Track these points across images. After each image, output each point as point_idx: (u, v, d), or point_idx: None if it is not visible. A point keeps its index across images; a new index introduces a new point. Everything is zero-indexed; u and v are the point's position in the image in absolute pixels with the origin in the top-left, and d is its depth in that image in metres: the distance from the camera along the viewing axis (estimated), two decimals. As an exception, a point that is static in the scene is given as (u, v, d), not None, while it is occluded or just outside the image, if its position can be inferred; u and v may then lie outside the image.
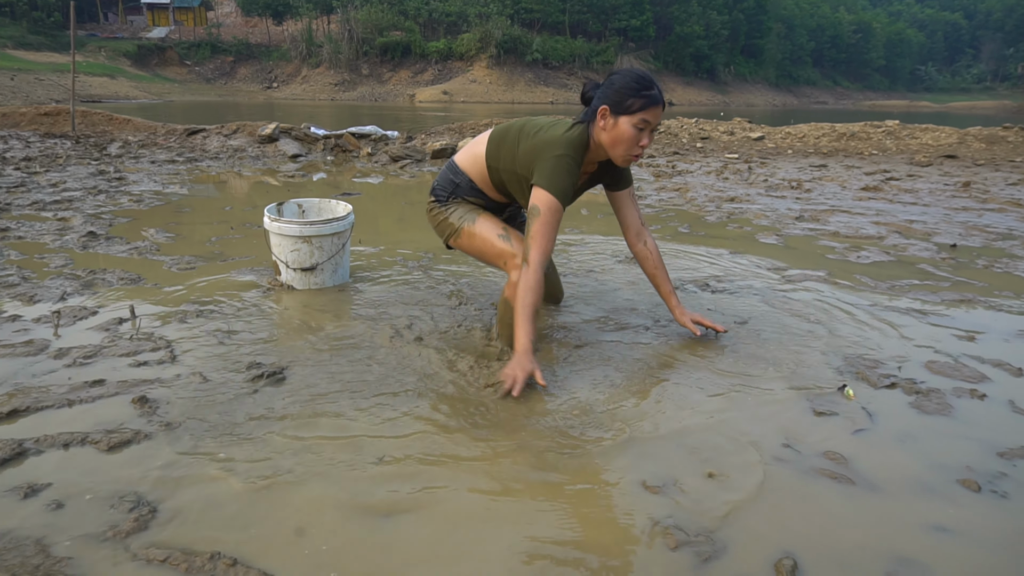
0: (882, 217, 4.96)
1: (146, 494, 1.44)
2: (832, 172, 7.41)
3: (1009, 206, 5.47)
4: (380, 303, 2.77)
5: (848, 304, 2.88)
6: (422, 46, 47.13)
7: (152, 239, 3.78)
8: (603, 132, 2.09)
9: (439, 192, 2.42)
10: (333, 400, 1.91)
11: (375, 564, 1.26)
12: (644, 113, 2.03)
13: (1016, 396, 2.04)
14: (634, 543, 1.34)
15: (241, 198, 5.43)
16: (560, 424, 1.80)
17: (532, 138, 2.15)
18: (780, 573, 1.26)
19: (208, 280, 3.03)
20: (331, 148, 8.39)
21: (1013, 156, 8.50)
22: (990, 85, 74.88)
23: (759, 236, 4.25)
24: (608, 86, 2.09)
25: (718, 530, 1.38)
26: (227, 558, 1.25)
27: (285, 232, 2.89)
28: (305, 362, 2.17)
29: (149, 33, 47.81)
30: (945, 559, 1.32)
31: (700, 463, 1.63)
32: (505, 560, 1.28)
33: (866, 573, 1.27)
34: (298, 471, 1.55)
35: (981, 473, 1.62)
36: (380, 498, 1.46)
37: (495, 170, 2.27)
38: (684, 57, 51.97)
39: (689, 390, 2.03)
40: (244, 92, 42.56)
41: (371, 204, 5.43)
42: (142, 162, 7.08)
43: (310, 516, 1.39)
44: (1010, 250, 3.99)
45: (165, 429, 1.71)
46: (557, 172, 2.06)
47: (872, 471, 1.61)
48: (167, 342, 2.28)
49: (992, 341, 2.50)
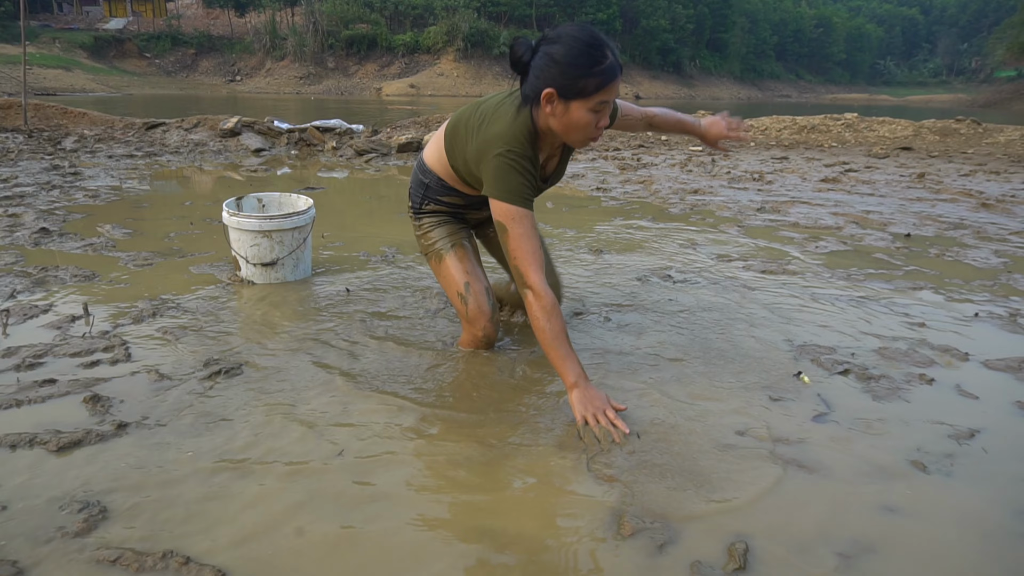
0: (840, 208, 5.07)
1: (97, 494, 1.41)
2: (793, 164, 7.54)
3: (961, 196, 5.63)
4: (342, 297, 2.75)
5: (805, 293, 2.94)
6: (388, 39, 46.67)
7: (108, 235, 3.69)
8: (551, 118, 1.75)
9: (413, 196, 2.20)
10: (291, 395, 1.89)
11: (333, 561, 1.26)
12: (601, 94, 1.69)
13: (962, 380, 2.11)
14: (590, 531, 1.35)
15: (202, 193, 5.33)
16: (518, 418, 1.81)
17: (476, 134, 1.86)
18: (733, 557, 1.28)
19: (166, 277, 2.97)
20: (295, 142, 8.28)
21: (965, 148, 8.74)
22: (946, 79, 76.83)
23: (721, 227, 4.31)
24: (550, 62, 1.67)
25: (674, 518, 1.40)
26: (180, 556, 1.23)
27: (244, 227, 2.85)
28: (263, 358, 2.14)
29: (106, 24, 46.49)
30: (893, 538, 1.36)
31: (657, 450, 1.65)
32: (459, 552, 1.29)
33: (817, 555, 1.30)
34: (255, 468, 1.54)
35: (929, 454, 1.67)
36: (339, 493, 1.45)
37: (455, 168, 2.01)
38: (650, 51, 52.33)
39: (644, 377, 2.05)
40: (206, 85, 41.69)
41: (336, 198, 5.37)
42: (98, 157, 6.91)
43: (265, 513, 1.38)
44: (961, 239, 4.11)
45: (118, 428, 1.67)
46: (502, 175, 1.77)
47: (825, 455, 1.65)
48: (121, 340, 2.23)
49: (941, 327, 2.58)
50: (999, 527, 1.40)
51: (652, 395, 1.94)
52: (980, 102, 41.76)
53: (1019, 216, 4.87)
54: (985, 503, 1.48)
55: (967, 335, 2.50)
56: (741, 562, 1.26)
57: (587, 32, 1.69)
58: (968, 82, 67.94)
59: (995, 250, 3.84)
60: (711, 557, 1.28)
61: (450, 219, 2.20)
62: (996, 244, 4.00)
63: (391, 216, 4.54)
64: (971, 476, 1.58)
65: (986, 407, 1.93)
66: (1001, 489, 1.54)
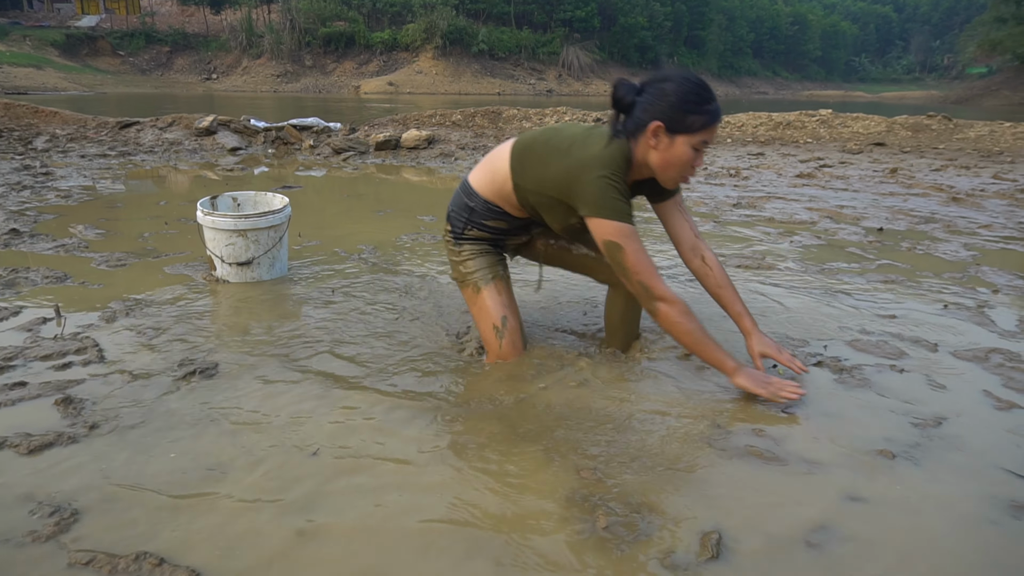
0: (815, 203, 5.14)
1: (68, 497, 1.40)
2: (769, 160, 7.62)
3: (932, 191, 5.73)
4: (318, 297, 2.74)
5: (779, 287, 2.98)
6: (366, 37, 46.36)
7: (81, 236, 3.64)
8: (653, 151, 1.78)
9: (454, 220, 2.12)
10: (267, 395, 1.88)
11: (308, 560, 1.26)
12: (705, 132, 1.75)
13: (931, 370, 2.15)
14: (566, 522, 1.36)
15: (177, 193, 5.27)
16: (501, 414, 1.82)
17: (564, 156, 1.84)
18: (706, 547, 1.30)
19: (140, 277, 2.94)
20: (272, 141, 8.21)
21: (936, 143, 8.89)
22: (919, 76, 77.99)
23: (697, 223, 4.34)
24: (660, 96, 1.75)
25: (648, 510, 1.42)
26: (153, 557, 1.22)
27: (219, 226, 2.82)
28: (239, 357, 2.13)
29: (78, 22, 45.66)
30: (862, 526, 1.38)
31: (632, 443, 1.66)
32: (431, 543, 1.29)
33: (788, 543, 1.33)
34: (230, 468, 1.53)
35: (897, 443, 1.70)
36: (314, 492, 1.45)
37: (522, 189, 1.94)
38: (629, 48, 52.52)
39: (621, 371, 2.06)
40: (182, 84, 41.15)
41: (313, 197, 5.34)
42: (71, 156, 6.80)
43: (241, 513, 1.37)
44: (932, 233, 4.18)
45: (90, 430, 1.66)
46: (608, 196, 1.77)
47: (797, 446, 1.68)
48: (94, 341, 2.20)
49: (912, 319, 2.62)
50: (966, 513, 1.43)
51: (626, 388, 1.96)
52: (952, 98, 42.46)
53: (988, 210, 4.96)
54: (952, 490, 1.52)
55: (937, 326, 2.55)
56: (714, 551, 1.28)
57: (696, 76, 1.79)
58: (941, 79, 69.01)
59: (964, 243, 3.92)
60: (684, 547, 1.30)
61: (490, 248, 2.15)
62: (965, 237, 4.07)
63: (369, 214, 4.52)
64: (938, 464, 1.62)
65: (954, 396, 1.98)
66: (968, 476, 1.57)
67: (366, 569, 1.23)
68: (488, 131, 9.65)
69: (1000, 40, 39.65)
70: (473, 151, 8.02)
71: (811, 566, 1.26)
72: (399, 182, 6.25)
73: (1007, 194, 5.62)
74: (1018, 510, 1.44)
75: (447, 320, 2.50)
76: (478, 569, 1.23)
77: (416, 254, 3.44)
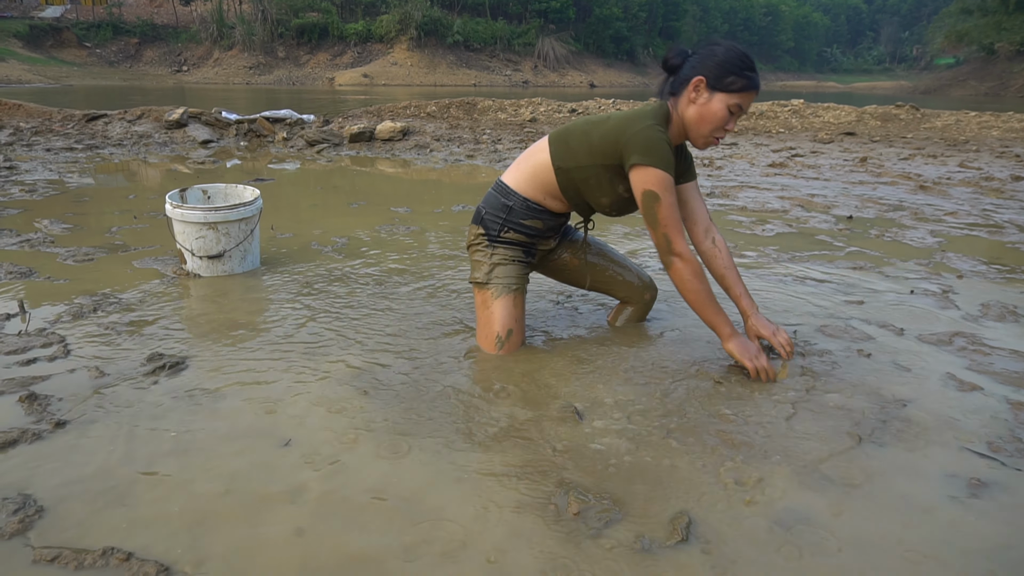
0: (787, 192, 5.20)
1: (33, 494, 1.38)
2: (742, 150, 7.69)
3: (900, 179, 5.82)
4: (291, 289, 2.71)
5: (751, 274, 3.02)
6: (340, 28, 45.83)
7: (46, 230, 3.57)
8: (691, 105, 1.90)
9: (489, 223, 2.11)
10: (237, 389, 1.86)
11: (277, 553, 1.25)
12: (741, 96, 1.86)
13: (897, 354, 2.19)
14: (538, 511, 1.37)
15: (147, 186, 5.18)
16: (470, 402, 1.82)
17: (607, 123, 1.96)
18: (675, 530, 1.32)
19: (108, 272, 2.89)
20: (244, 133, 8.10)
21: (904, 133, 9.04)
22: (889, 67, 79.13)
23: (671, 213, 4.37)
24: (709, 56, 1.88)
25: (619, 496, 1.43)
26: (121, 552, 1.21)
27: (189, 219, 2.78)
28: (209, 351, 2.10)
29: (42, 12, 44.52)
30: (828, 506, 1.41)
31: (602, 429, 1.68)
32: (402, 532, 1.29)
33: (756, 525, 1.35)
34: (199, 462, 1.51)
35: (863, 426, 1.74)
36: (285, 484, 1.44)
37: (565, 172, 2.01)
38: (604, 39, 52.57)
39: (591, 359, 2.08)
40: (152, 76, 40.37)
41: (287, 189, 5.28)
42: (36, 150, 6.65)
43: (209, 506, 1.36)
44: (900, 220, 4.26)
45: (55, 427, 1.63)
46: (653, 142, 1.85)
47: (764, 430, 1.70)
48: (60, 337, 2.16)
49: (879, 304, 2.67)
50: (929, 492, 1.47)
51: (594, 374, 1.97)
52: (921, 88, 43.15)
53: (954, 198, 5.06)
54: (916, 469, 1.55)
55: (903, 311, 2.60)
56: (684, 535, 1.30)
57: (744, 48, 1.91)
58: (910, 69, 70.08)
59: (931, 230, 3.99)
60: (654, 532, 1.32)
61: (522, 257, 2.16)
62: (932, 224, 4.15)
63: (343, 207, 4.49)
64: (903, 445, 1.65)
65: (919, 379, 2.02)
66: (931, 456, 1.61)
67: (344, 558, 1.23)
68: (463, 122, 9.61)
69: (967, 31, 40.36)
70: (448, 142, 7.98)
71: (778, 547, 1.29)
72: (374, 174, 6.21)
73: (972, 182, 5.73)
74: (976, 487, 1.48)
75: (423, 311, 2.49)
76: (446, 554, 1.24)
77: (390, 246, 3.42)
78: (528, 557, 1.24)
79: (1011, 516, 1.39)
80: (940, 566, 1.25)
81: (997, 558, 1.27)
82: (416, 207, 4.48)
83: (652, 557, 1.25)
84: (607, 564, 1.22)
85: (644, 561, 1.24)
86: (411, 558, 1.23)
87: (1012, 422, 1.77)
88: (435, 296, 2.65)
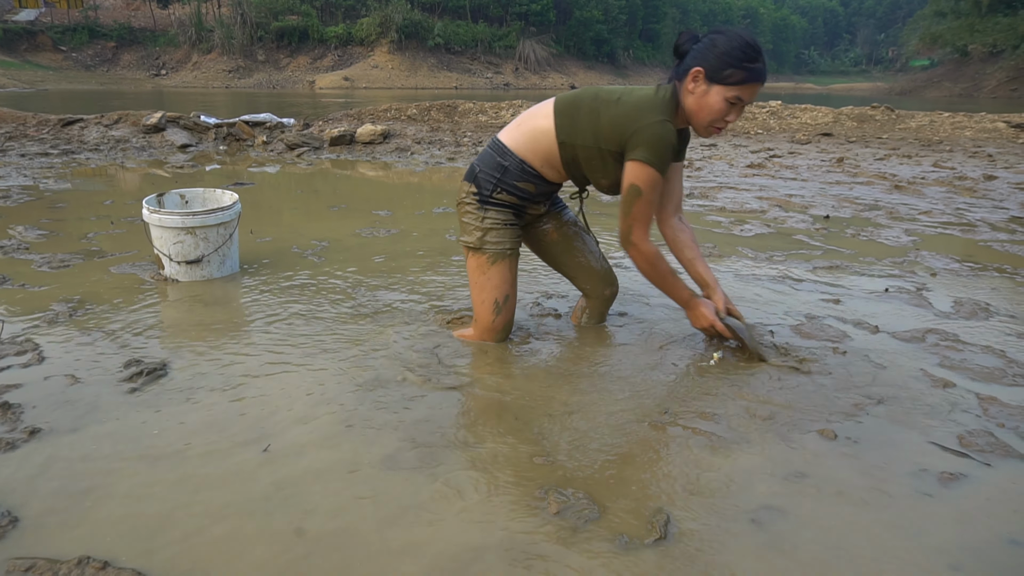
0: (765, 192, 5.26)
1: (6, 504, 1.36)
2: (721, 151, 7.76)
3: (876, 179, 5.91)
4: (270, 294, 2.70)
5: (729, 274, 3.05)
6: (320, 31, 45.62)
7: (20, 237, 3.52)
8: (690, 96, 1.89)
9: (483, 181, 2.09)
10: (216, 394, 1.85)
11: (254, 560, 1.25)
12: (741, 89, 1.83)
13: (871, 351, 2.22)
14: (517, 510, 1.38)
15: (125, 191, 5.12)
16: (452, 401, 1.83)
17: (616, 105, 1.93)
18: (654, 527, 1.33)
19: (84, 278, 2.86)
20: (224, 138, 8.04)
21: (880, 133, 9.17)
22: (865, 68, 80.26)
23: (652, 214, 4.40)
24: (709, 46, 1.85)
25: (598, 494, 1.44)
26: (97, 561, 1.20)
27: (166, 224, 2.76)
28: (188, 357, 2.09)
29: (16, 16, 43.84)
30: (803, 502, 1.43)
31: (584, 431, 1.69)
32: (383, 534, 1.29)
33: (732, 521, 1.37)
34: (176, 469, 1.50)
35: (838, 423, 1.76)
36: (263, 490, 1.44)
37: (569, 147, 2.00)
38: (584, 41, 52.82)
39: (565, 360, 2.09)
40: (129, 80, 39.91)
41: (267, 193, 5.25)
42: (10, 155, 6.55)
43: (187, 514, 1.35)
44: (875, 219, 4.32)
45: (30, 435, 1.61)
46: (661, 142, 1.87)
47: (741, 428, 1.72)
48: (34, 344, 2.14)
49: (855, 303, 2.71)
50: (902, 487, 1.50)
51: (576, 373, 1.98)
52: (897, 90, 43.79)
53: (928, 197, 5.15)
54: (889, 466, 1.58)
55: (878, 309, 2.64)
56: (662, 532, 1.32)
57: (751, 36, 1.85)
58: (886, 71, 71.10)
59: (906, 229, 4.06)
60: (633, 530, 1.33)
61: (513, 220, 2.15)
62: (907, 224, 4.22)
63: (324, 210, 4.47)
64: (876, 441, 1.68)
65: (893, 376, 2.05)
66: (904, 452, 1.64)
67: (323, 562, 1.23)
68: (444, 125, 9.61)
69: (940, 34, 41.03)
70: (429, 145, 7.98)
71: (755, 543, 1.30)
72: (354, 177, 6.19)
73: (946, 181, 5.83)
74: (947, 481, 1.51)
75: (403, 315, 2.49)
76: (428, 553, 1.24)
77: (371, 249, 3.41)
78: (508, 555, 1.25)
79: (980, 509, 1.42)
80: (910, 560, 1.27)
81: (965, 552, 1.30)
82: (397, 210, 4.47)
83: (631, 554, 1.26)
84: (586, 562, 1.23)
85: (623, 558, 1.25)
86: (390, 549, 1.23)
87: (983, 417, 1.80)
88: (416, 295, 2.65)
